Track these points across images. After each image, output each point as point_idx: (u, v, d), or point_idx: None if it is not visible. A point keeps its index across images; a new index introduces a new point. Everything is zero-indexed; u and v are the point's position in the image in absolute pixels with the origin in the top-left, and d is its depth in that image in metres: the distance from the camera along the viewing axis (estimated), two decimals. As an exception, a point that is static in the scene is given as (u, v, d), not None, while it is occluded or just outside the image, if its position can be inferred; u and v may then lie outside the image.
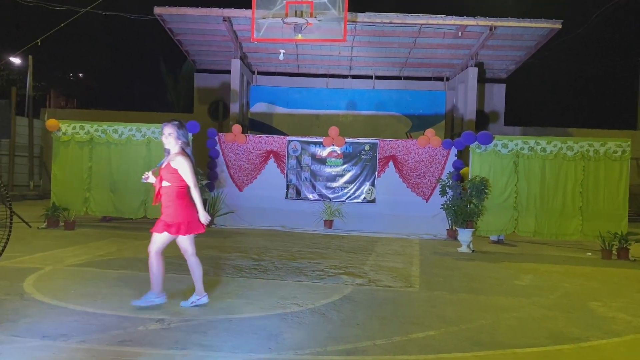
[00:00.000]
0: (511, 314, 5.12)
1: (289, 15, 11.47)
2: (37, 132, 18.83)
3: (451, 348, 4.00)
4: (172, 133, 4.71)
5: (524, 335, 4.40)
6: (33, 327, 4.11)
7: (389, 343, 4.07)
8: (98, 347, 3.72)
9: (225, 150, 12.01)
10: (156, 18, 14.78)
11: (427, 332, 4.40)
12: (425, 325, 4.57)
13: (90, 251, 7.84)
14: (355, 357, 3.76)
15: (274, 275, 6.54)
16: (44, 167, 18.52)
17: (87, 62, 30.99)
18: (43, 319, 4.33)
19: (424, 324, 4.61)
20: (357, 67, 18.17)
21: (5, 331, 3.97)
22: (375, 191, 11.64)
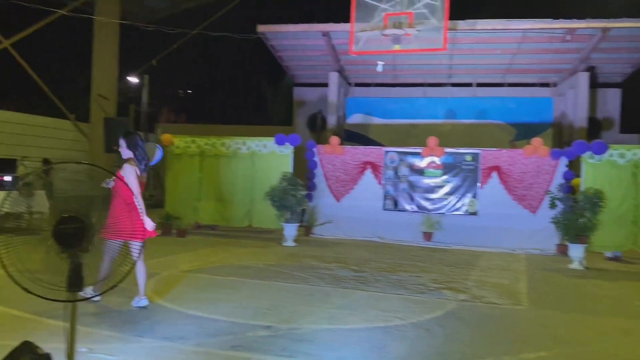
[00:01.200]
0: (634, 338, 4.74)
1: (387, 27, 11.50)
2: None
3: (567, 372, 3.78)
4: (122, 144, 5.11)
5: (650, 363, 4.05)
6: (154, 328, 4.45)
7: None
8: (212, 351, 3.95)
9: (323, 162, 12.23)
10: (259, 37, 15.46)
11: (539, 352, 4.19)
12: (536, 345, 4.35)
13: (201, 258, 8.32)
14: (463, 375, 3.68)
15: (374, 287, 6.55)
16: (158, 178, 19.94)
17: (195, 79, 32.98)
18: (163, 321, 4.67)
19: (535, 344, 4.39)
20: (457, 75, 17.76)
21: (130, 331, 4.33)
22: (477, 203, 11.26)
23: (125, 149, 5.10)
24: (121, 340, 4.10)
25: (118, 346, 3.97)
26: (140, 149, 5.17)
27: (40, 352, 2.89)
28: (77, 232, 2.53)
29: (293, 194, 10.43)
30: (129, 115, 17.80)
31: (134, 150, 5.11)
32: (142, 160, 5.18)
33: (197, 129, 19.39)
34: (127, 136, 5.16)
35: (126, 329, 4.38)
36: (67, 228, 2.54)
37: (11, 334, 4.08)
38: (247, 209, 11.51)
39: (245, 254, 8.94)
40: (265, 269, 7.57)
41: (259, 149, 11.60)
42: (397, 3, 11.77)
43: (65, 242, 2.55)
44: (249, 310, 5.16)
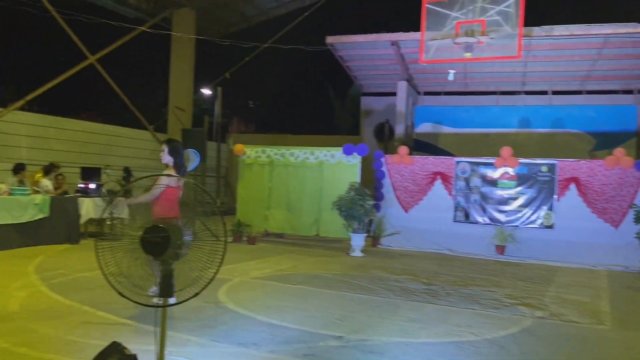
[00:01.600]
0: None
1: (459, 35, 11.31)
2: (223, 154, 21.01)
3: (658, 399, 3.54)
4: (165, 149, 5.37)
5: None
6: (228, 333, 4.58)
7: (579, 385, 3.74)
8: (285, 358, 4.01)
9: (391, 172, 12.15)
10: (327, 48, 15.65)
11: (625, 377, 3.95)
12: (622, 370, 4.11)
13: (270, 265, 8.49)
14: (542, 396, 3.53)
15: (445, 301, 6.42)
16: (229, 187, 20.55)
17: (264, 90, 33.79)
18: (236, 327, 4.81)
19: (621, 368, 4.15)
20: (531, 82, 17.13)
21: (207, 336, 4.49)
22: (553, 216, 10.77)
23: (167, 154, 5.37)
24: (198, 345, 4.25)
25: (195, 350, 4.12)
26: (181, 155, 5.48)
27: (127, 352, 3.06)
28: (162, 241, 2.66)
29: (361, 204, 10.43)
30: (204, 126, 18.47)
31: (174, 157, 5.39)
32: (181, 167, 5.47)
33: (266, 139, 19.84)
34: (170, 143, 5.47)
35: (203, 333, 4.54)
36: (153, 237, 2.68)
37: (99, 334, 4.35)
38: (314, 218, 11.63)
39: (314, 263, 9.03)
40: (333, 278, 7.61)
41: (327, 159, 11.70)
42: (469, 11, 11.55)
43: (150, 250, 2.70)
44: (319, 319, 5.20)
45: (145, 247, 2.70)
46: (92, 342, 4.03)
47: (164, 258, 2.58)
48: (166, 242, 2.65)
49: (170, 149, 5.38)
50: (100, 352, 3.08)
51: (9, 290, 5.81)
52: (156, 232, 2.69)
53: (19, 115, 14.34)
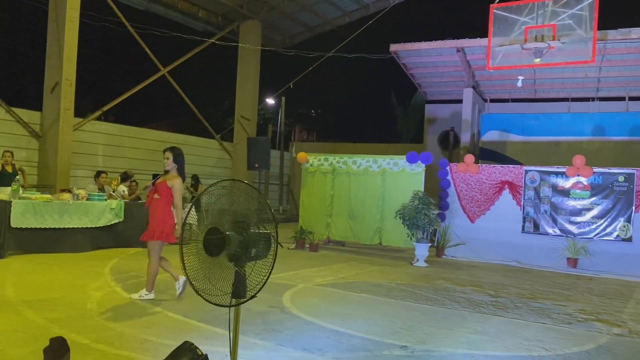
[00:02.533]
0: None
1: (528, 40, 10.96)
2: (286, 162, 21.36)
3: None
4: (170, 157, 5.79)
5: None
6: (294, 339, 4.64)
7: (663, 408, 3.51)
8: (350, 365, 4.02)
9: (456, 181, 11.90)
10: (391, 56, 15.61)
11: None
12: None
13: (333, 273, 8.52)
14: (622, 418, 3.33)
15: (513, 314, 6.20)
16: (291, 194, 20.83)
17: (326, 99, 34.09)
18: (301, 332, 4.86)
19: None
20: (606, 88, 16.30)
21: (273, 340, 4.56)
22: (632, 228, 10.17)
23: (172, 161, 5.81)
24: (264, 348, 4.33)
25: (262, 353, 4.20)
26: (183, 161, 5.92)
27: (199, 352, 3.16)
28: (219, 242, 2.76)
29: (425, 213, 10.27)
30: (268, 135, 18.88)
31: (178, 163, 5.86)
32: (183, 173, 5.94)
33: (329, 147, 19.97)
34: (174, 150, 5.88)
35: (269, 337, 4.63)
36: (212, 239, 2.79)
37: (171, 334, 4.52)
38: (377, 227, 11.58)
39: (377, 272, 8.98)
40: (397, 287, 7.54)
41: (390, 167, 11.63)
42: (538, 15, 11.18)
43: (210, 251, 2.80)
44: (384, 328, 5.17)
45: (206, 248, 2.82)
46: (165, 342, 4.21)
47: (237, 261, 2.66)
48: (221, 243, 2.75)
49: (175, 155, 5.83)
50: (173, 351, 3.21)
51: (87, 290, 6.16)
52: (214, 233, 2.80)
53: (97, 125, 15.24)
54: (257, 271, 2.90)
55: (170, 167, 5.85)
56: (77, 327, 4.60)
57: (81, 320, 4.84)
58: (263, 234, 2.77)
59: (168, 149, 5.93)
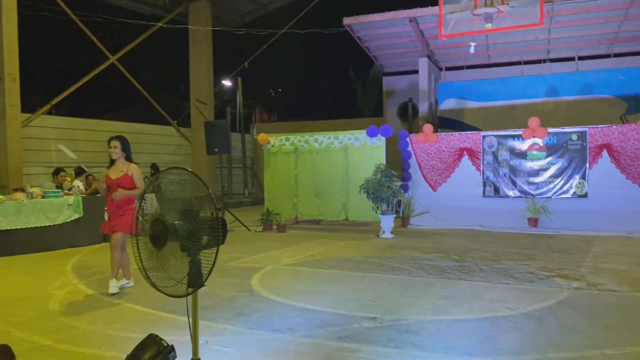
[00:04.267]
0: None
1: (478, 6, 11.05)
2: (247, 145, 21.14)
3: None
4: (118, 146, 5.81)
5: None
6: (263, 321, 4.63)
7: (620, 353, 3.67)
8: (320, 342, 4.04)
9: (417, 151, 12.03)
10: (345, 30, 15.50)
11: (669, 344, 3.85)
12: (665, 337, 4.00)
13: (301, 252, 8.53)
14: (583, 367, 3.47)
15: (478, 277, 6.35)
16: (256, 177, 20.69)
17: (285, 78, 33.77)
18: (271, 313, 4.85)
19: (664, 336, 4.04)
20: (557, 49, 16.65)
21: (242, 324, 4.54)
22: (586, 185, 10.53)
23: (120, 150, 5.84)
24: (234, 333, 4.31)
25: (232, 338, 4.17)
26: (130, 149, 5.98)
27: (164, 344, 3.12)
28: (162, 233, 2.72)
29: (388, 186, 10.36)
30: (226, 118, 18.58)
31: (126, 151, 5.90)
32: (131, 160, 5.98)
33: (290, 126, 19.87)
34: (121, 139, 5.92)
35: (238, 321, 4.60)
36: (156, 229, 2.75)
37: (138, 327, 4.45)
38: (342, 203, 11.63)
39: (344, 247, 9.05)
40: (365, 261, 7.61)
41: (351, 142, 11.65)
42: (487, -20, 11.26)
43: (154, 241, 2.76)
44: (353, 302, 5.22)
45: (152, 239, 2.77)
46: (132, 336, 4.13)
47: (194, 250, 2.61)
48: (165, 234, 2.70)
49: (123, 143, 5.87)
50: (137, 345, 3.15)
51: (49, 290, 5.99)
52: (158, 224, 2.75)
53: (47, 120, 14.68)
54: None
55: (118, 155, 5.85)
56: (40, 328, 4.47)
57: (43, 321, 4.71)
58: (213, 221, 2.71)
59: (115, 137, 5.91)
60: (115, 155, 5.85)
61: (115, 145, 5.82)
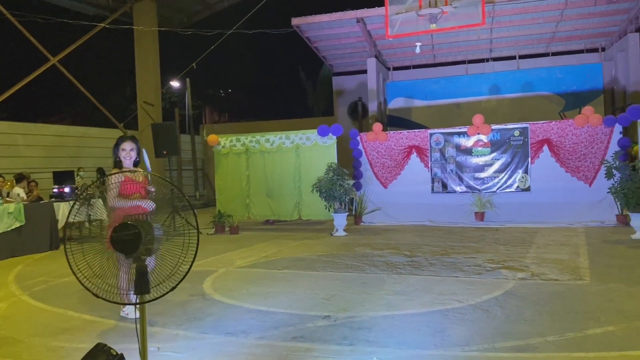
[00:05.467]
0: None
1: (422, 6, 11.31)
2: (198, 146, 20.82)
3: (637, 345, 3.66)
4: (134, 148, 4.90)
5: None
6: (217, 324, 4.59)
7: (562, 340, 3.85)
8: (274, 343, 4.04)
9: (367, 149, 12.19)
10: (294, 30, 15.53)
11: (606, 327, 4.07)
12: (602, 321, 4.23)
13: (255, 253, 8.49)
14: (527, 354, 3.62)
15: (429, 271, 6.51)
16: (207, 178, 20.42)
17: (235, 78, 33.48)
18: (224, 317, 4.81)
19: (601, 319, 4.27)
20: (498, 48, 17.28)
21: (195, 329, 4.49)
22: (529, 179, 10.96)
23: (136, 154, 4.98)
24: (186, 338, 4.25)
25: (184, 344, 4.12)
26: None
27: (113, 352, 3.04)
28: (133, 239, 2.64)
29: (340, 184, 10.47)
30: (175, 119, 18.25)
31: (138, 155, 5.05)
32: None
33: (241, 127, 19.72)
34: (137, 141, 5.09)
35: (190, 326, 4.54)
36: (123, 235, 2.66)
37: (86, 337, 4.32)
38: (295, 202, 11.65)
39: (298, 247, 9.06)
40: (318, 259, 7.65)
41: (303, 142, 11.68)
42: (430, -19, 11.55)
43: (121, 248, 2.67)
44: (307, 301, 5.24)
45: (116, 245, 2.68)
46: (79, 346, 4.01)
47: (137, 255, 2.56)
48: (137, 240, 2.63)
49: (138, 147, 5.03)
50: (85, 355, 3.06)
51: (-10, 303, 5.72)
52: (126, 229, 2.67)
53: (-16, 125, 14.01)
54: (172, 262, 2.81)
55: (133, 160, 4.94)
56: (-21, 344, 4.27)
57: (-17, 337, 4.50)
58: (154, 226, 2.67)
59: (131, 139, 4.98)
60: (130, 159, 4.93)
61: (132, 148, 4.92)
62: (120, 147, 4.89)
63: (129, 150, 4.88)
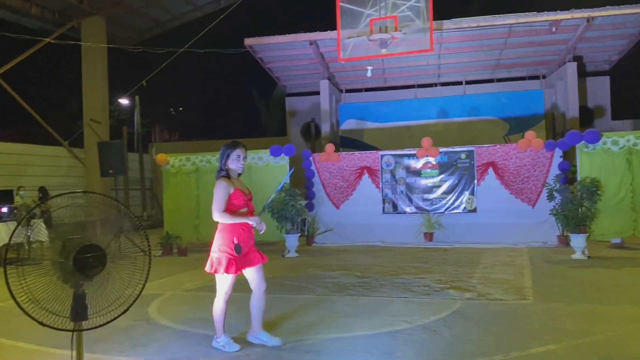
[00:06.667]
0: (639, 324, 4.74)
1: (373, 32, 11.59)
2: (146, 165, 20.33)
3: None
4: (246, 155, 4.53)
5: (659, 349, 4.05)
6: (162, 350, 4.43)
7: (507, 359, 3.93)
8: (221, 368, 3.93)
9: (320, 170, 12.25)
10: (247, 50, 15.53)
11: (548, 346, 4.18)
12: (544, 340, 4.35)
13: (204, 276, 8.23)
14: (473, 375, 3.67)
15: (379, 292, 6.54)
16: (155, 198, 19.93)
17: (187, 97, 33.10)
18: (170, 342, 4.66)
19: (543, 338, 4.39)
20: (446, 74, 17.85)
21: (139, 354, 4.32)
22: (475, 200, 11.28)
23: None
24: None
25: (126, 371, 3.95)
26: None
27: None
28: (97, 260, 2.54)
29: (292, 204, 10.44)
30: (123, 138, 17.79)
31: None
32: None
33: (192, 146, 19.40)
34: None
35: (134, 352, 4.37)
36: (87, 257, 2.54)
37: (18, 367, 4.07)
38: (247, 223, 11.49)
39: (248, 268, 8.91)
40: (269, 281, 7.46)
41: (255, 162, 11.62)
42: (381, 7, 11.86)
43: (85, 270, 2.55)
44: (256, 325, 5.14)
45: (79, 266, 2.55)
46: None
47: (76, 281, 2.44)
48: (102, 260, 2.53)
49: None
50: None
51: None
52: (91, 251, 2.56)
53: None
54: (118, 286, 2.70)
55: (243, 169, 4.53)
56: None
57: None
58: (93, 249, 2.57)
59: (242, 145, 4.47)
60: (244, 167, 4.54)
61: (245, 156, 4.48)
62: (234, 153, 4.38)
63: (243, 157, 4.43)
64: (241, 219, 4.31)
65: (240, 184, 4.49)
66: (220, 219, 4.32)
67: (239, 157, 4.40)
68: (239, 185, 4.44)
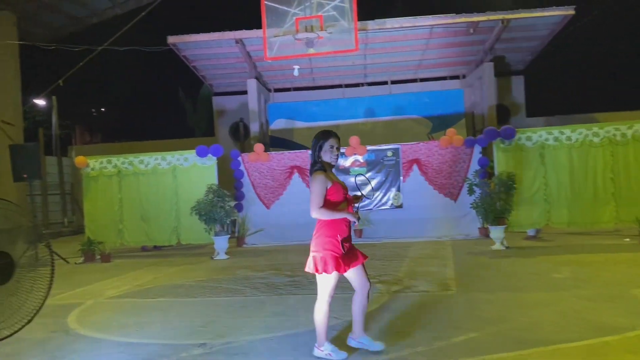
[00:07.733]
0: (552, 308, 5.04)
1: (299, 31, 11.61)
2: (66, 169, 19.32)
3: (494, 349, 3.96)
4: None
5: (567, 330, 4.33)
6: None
7: (430, 349, 4.06)
8: (145, 377, 3.80)
9: (249, 170, 12.13)
10: (170, 48, 15.11)
11: (469, 334, 4.36)
12: (465, 328, 4.53)
13: (128, 282, 7.99)
14: (398, 366, 3.75)
15: (308, 289, 6.56)
16: (76, 203, 18.97)
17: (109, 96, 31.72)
18: (90, 353, 4.44)
19: (465, 327, 4.57)
20: (372, 74, 18.21)
21: (55, 368, 4.08)
22: (402, 196, 11.60)
23: None
24: (44, 380, 3.85)
25: (41, 386, 3.72)
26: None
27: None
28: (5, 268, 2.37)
29: (221, 206, 10.27)
30: (39, 140, 16.79)
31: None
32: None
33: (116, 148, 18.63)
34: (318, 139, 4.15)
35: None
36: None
37: None
38: (173, 226, 11.19)
39: (176, 273, 8.70)
40: (196, 285, 7.39)
41: (180, 163, 11.33)
42: (306, 7, 11.90)
43: None
44: (182, 329, 5.01)
45: None
46: None
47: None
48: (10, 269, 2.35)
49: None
50: None
51: None
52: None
53: None
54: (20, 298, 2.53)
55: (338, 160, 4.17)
56: None
57: None
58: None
59: (335, 134, 4.12)
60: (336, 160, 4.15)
61: (340, 146, 4.15)
62: (326, 144, 4.03)
63: (336, 148, 4.08)
64: (341, 214, 4.07)
65: (336, 177, 4.18)
66: (319, 216, 4.08)
67: (332, 148, 4.04)
68: (335, 178, 4.14)
